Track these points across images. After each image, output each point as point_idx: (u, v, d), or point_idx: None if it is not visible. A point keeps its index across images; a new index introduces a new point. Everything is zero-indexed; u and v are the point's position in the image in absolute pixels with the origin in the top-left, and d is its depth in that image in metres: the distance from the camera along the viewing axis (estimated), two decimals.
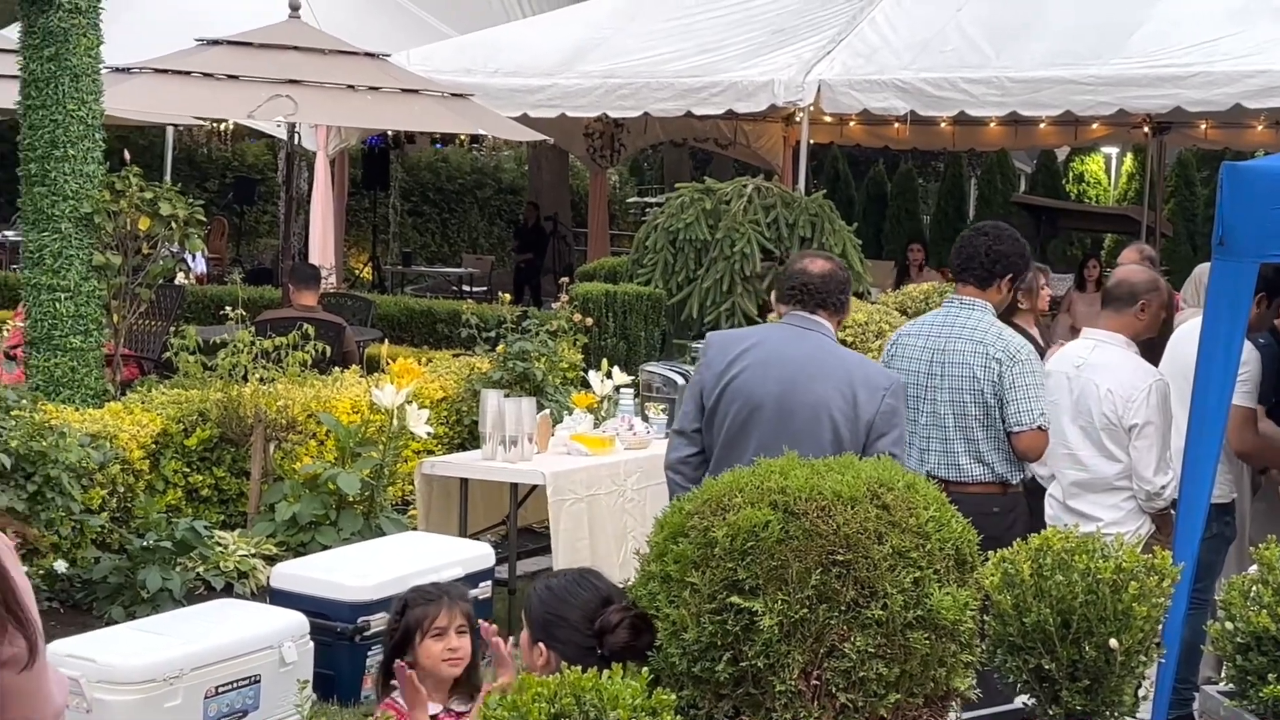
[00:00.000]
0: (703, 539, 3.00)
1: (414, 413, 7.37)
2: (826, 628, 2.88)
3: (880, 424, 4.71)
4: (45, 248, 8.15)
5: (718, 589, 2.93)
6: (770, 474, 3.07)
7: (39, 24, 8.11)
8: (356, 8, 15.95)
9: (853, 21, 12.71)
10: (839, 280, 4.93)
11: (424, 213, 25.05)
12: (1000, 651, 3.23)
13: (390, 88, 10.94)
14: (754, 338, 5.04)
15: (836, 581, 2.89)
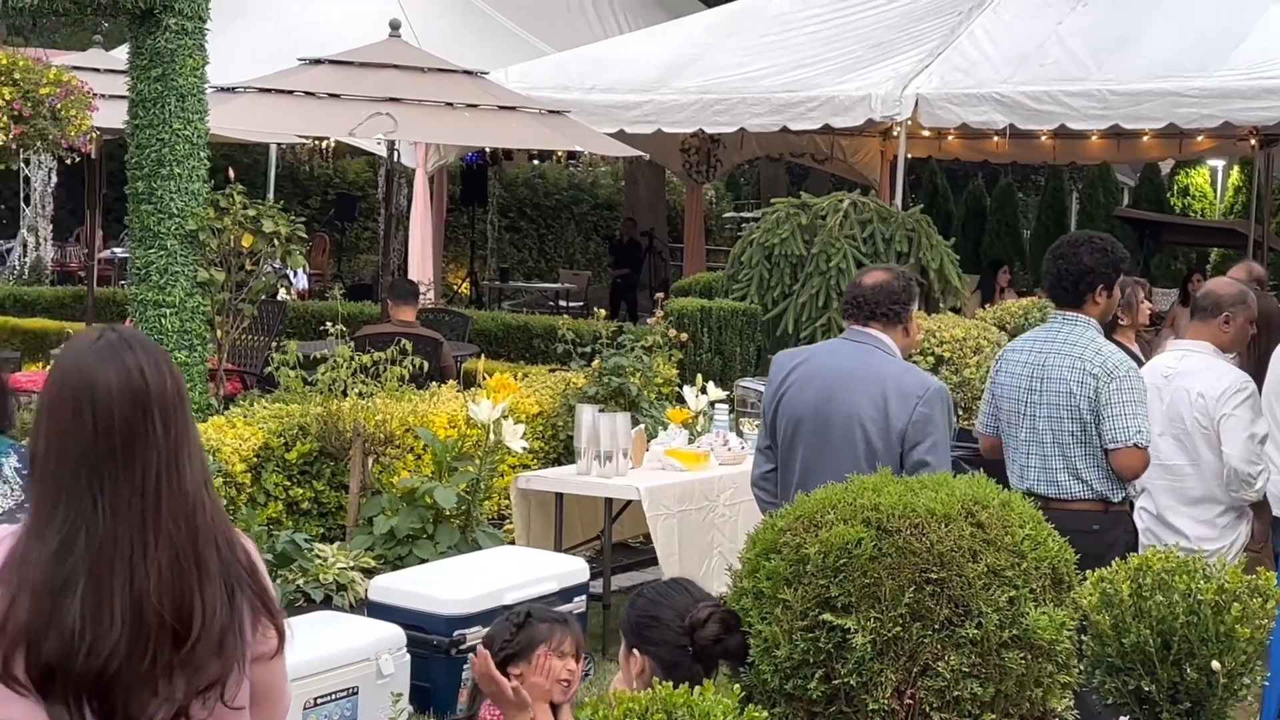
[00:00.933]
0: (795, 556, 3.00)
1: (510, 428, 7.40)
2: (920, 646, 2.86)
3: (913, 433, 4.70)
4: (152, 264, 8.31)
5: (810, 606, 2.93)
6: (863, 491, 3.06)
7: (147, 45, 8.28)
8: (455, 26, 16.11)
9: (951, 35, 12.63)
10: (892, 291, 4.91)
11: (521, 228, 25.22)
12: (1099, 672, 3.19)
13: (488, 105, 11.03)
14: (807, 354, 5.14)
15: (930, 600, 2.87)
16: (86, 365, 2.48)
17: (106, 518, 2.41)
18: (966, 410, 8.20)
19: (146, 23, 8.25)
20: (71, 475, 2.43)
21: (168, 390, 2.48)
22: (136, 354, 2.49)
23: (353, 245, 23.08)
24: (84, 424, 2.43)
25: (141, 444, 2.43)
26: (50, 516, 2.43)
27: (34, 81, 8.42)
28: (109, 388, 2.44)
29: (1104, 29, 12.11)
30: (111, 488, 2.42)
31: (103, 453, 2.43)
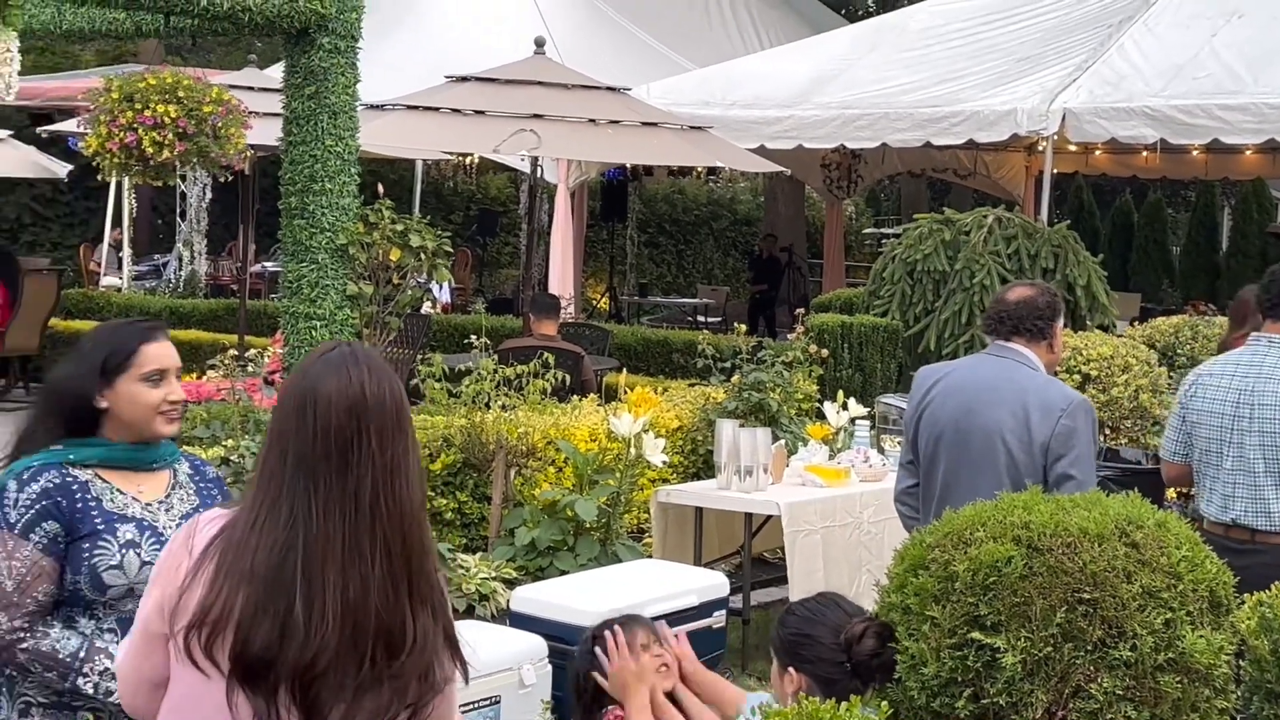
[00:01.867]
0: (943, 573, 2.97)
1: (650, 441, 7.42)
2: (1072, 667, 2.81)
3: (1056, 446, 4.62)
4: (303, 278, 8.49)
5: (958, 624, 2.89)
6: (1013, 508, 3.02)
7: (301, 63, 8.47)
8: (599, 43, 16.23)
9: (1100, 48, 12.42)
10: (1036, 306, 4.84)
11: (660, 244, 25.31)
12: (1256, 699, 3.12)
13: (631, 121, 11.08)
14: (948, 369, 5.09)
15: (1082, 620, 2.82)
16: (314, 373, 2.57)
17: (319, 520, 2.50)
18: (1114, 429, 8.06)
19: (301, 42, 8.44)
20: (292, 475, 2.52)
21: (386, 408, 2.55)
22: (361, 369, 2.57)
23: (494, 260, 23.34)
24: (305, 427, 2.53)
25: (355, 455, 2.51)
26: (272, 511, 2.52)
27: (197, 100, 8.68)
28: (329, 396, 2.53)
29: (1260, 41, 11.82)
30: (325, 492, 2.50)
31: (319, 456, 2.51)
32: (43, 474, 3.26)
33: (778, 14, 20.04)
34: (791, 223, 21.40)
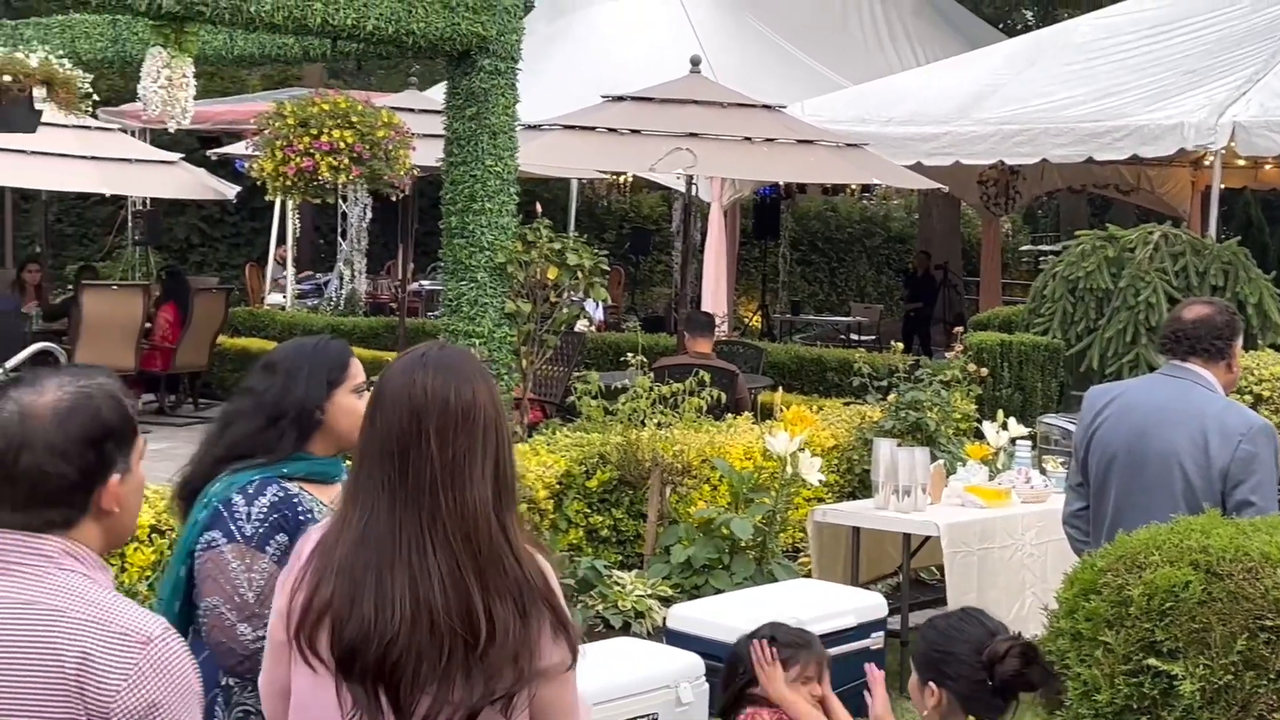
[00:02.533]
0: (1117, 597, 2.92)
1: (806, 460, 7.39)
2: (1254, 696, 2.74)
3: (1236, 471, 4.47)
4: (463, 296, 8.62)
5: (1133, 650, 2.84)
6: (1190, 532, 2.96)
7: (462, 85, 8.62)
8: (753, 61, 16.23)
9: (1271, 61, 12.09)
10: (1214, 325, 4.70)
11: (812, 261, 25.21)
12: None
13: (786, 139, 11.05)
14: (1120, 389, 4.97)
15: (1265, 648, 2.75)
16: (386, 375, 2.66)
17: (385, 515, 2.57)
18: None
19: (463, 64, 8.59)
20: (367, 473, 2.61)
21: (450, 409, 2.58)
22: (429, 371, 2.62)
23: (646, 278, 23.46)
24: (373, 428, 2.61)
25: (415, 455, 2.57)
26: (353, 506, 2.62)
27: (370, 125, 8.86)
28: (392, 397, 2.60)
29: None
30: (390, 490, 2.58)
31: (385, 455, 2.59)
32: (267, 488, 3.34)
33: (934, 30, 19.85)
34: (946, 240, 21.15)
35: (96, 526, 2.45)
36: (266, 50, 9.55)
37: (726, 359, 10.68)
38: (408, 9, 8.22)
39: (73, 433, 2.39)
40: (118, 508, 2.45)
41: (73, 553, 2.41)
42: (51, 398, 2.41)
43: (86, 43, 10.12)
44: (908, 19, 19.71)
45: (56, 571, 2.39)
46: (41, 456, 2.37)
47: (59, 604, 2.36)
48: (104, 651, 2.32)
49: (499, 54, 8.62)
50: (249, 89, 22.57)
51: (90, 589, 2.39)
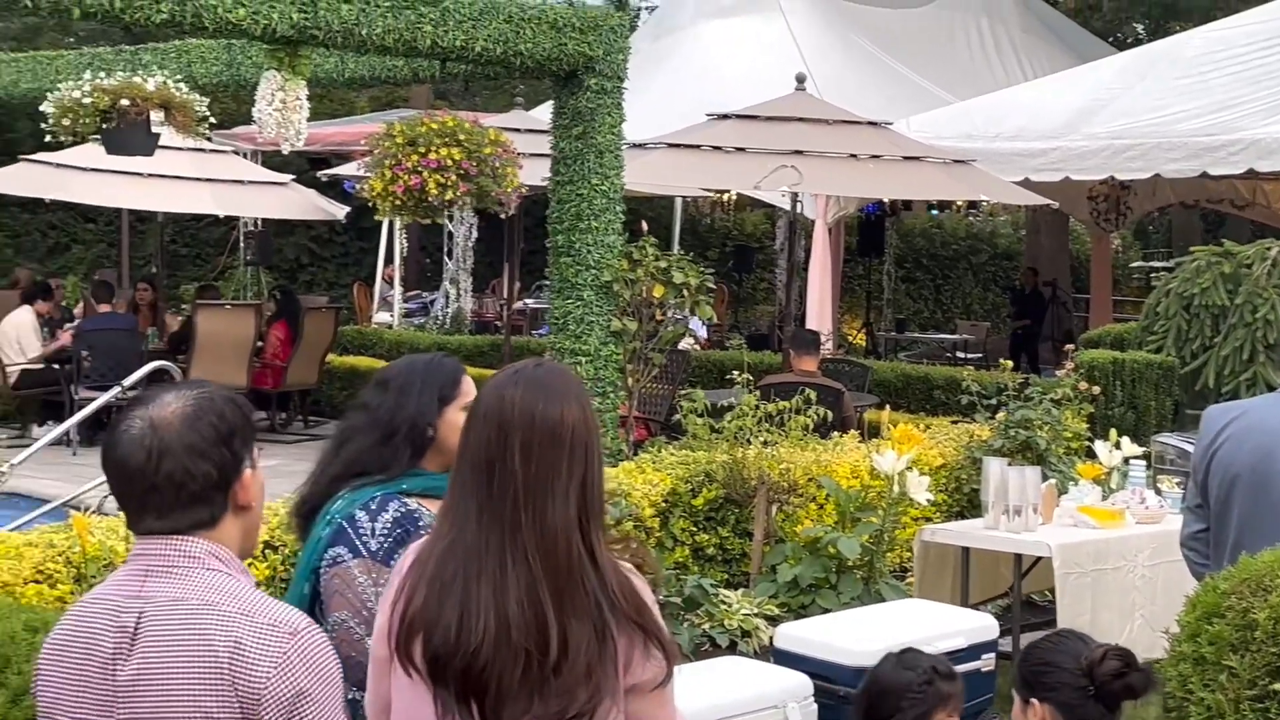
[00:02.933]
0: (1241, 621, 2.86)
1: (914, 479, 7.33)
2: None
3: None
4: (569, 313, 8.67)
5: (1259, 675, 2.78)
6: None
7: (569, 104, 8.68)
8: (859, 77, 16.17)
9: None
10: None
11: (917, 279, 25.03)
12: None
13: (892, 155, 10.99)
14: (1242, 408, 4.82)
15: None
16: (484, 389, 2.71)
17: (472, 529, 2.60)
18: None
19: (569, 84, 8.66)
20: (459, 486, 2.64)
21: (536, 426, 2.59)
22: (520, 388, 2.64)
23: (749, 296, 23.43)
24: (465, 442, 2.65)
25: (500, 469, 2.59)
26: (445, 519, 2.67)
27: (477, 143, 8.96)
28: (485, 412, 2.64)
29: None
30: (478, 504, 2.62)
31: (474, 469, 2.62)
32: (389, 504, 3.37)
33: (1042, 44, 19.65)
34: (1055, 256, 20.89)
35: (236, 524, 2.60)
36: (376, 72, 9.70)
37: (832, 377, 10.63)
38: (515, 30, 8.30)
39: (205, 432, 2.54)
40: (254, 502, 2.61)
41: (216, 554, 2.56)
42: (176, 406, 2.56)
43: (202, 67, 10.34)
44: (1015, 34, 19.52)
45: (204, 571, 2.54)
46: (182, 459, 2.52)
47: (210, 598, 2.50)
48: (255, 641, 2.45)
49: (605, 73, 8.68)
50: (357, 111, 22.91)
51: (235, 586, 2.54)
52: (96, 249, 21.56)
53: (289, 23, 7.42)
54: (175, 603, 2.50)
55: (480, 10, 8.20)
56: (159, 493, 2.53)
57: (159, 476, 2.52)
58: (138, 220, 18.69)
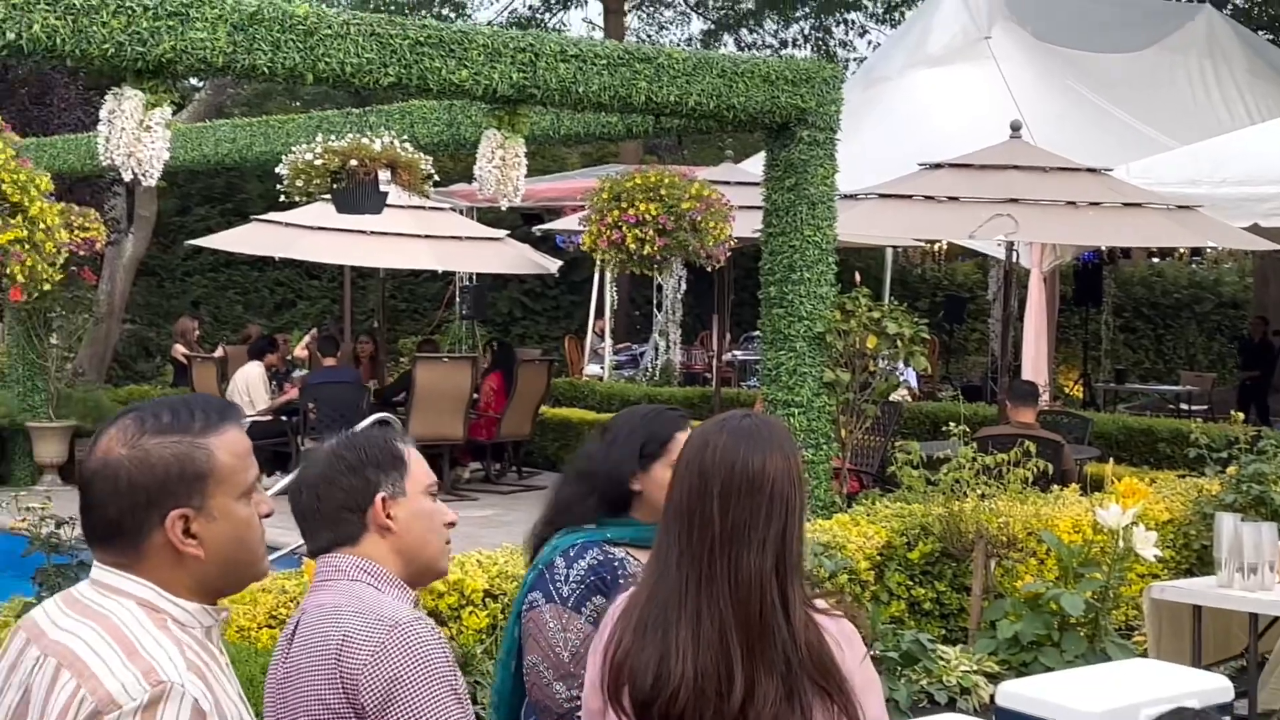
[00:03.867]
0: None
1: (1141, 534, 7.12)
2: None
3: None
4: (781, 365, 8.69)
5: None
6: None
7: (781, 156, 8.73)
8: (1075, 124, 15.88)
9: None
10: None
11: (1136, 328, 24.41)
12: None
13: (1111, 202, 10.78)
14: None
15: None
16: (691, 437, 2.75)
17: (673, 574, 2.62)
18: None
19: (781, 136, 8.71)
20: (664, 532, 2.69)
21: (735, 475, 2.61)
22: (724, 436, 2.67)
23: (960, 346, 23.13)
24: (672, 489, 2.69)
25: (698, 518, 2.62)
26: (651, 564, 2.73)
27: (677, 197, 9.07)
28: (689, 459, 2.67)
29: None
30: (679, 550, 2.64)
31: (677, 515, 2.66)
32: (587, 551, 3.42)
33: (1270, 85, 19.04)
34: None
35: (383, 544, 2.83)
36: (590, 129, 9.88)
37: (1050, 429, 10.43)
38: (729, 84, 8.39)
39: (336, 465, 2.85)
40: (394, 525, 2.82)
41: (363, 567, 2.80)
42: (327, 447, 2.91)
43: (424, 127, 10.67)
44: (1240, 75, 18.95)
45: (347, 582, 2.77)
46: (316, 488, 2.85)
47: (340, 602, 2.72)
48: (360, 632, 2.62)
49: (818, 125, 8.71)
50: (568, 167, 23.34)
51: (372, 594, 2.73)
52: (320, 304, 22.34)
53: (509, 83, 7.63)
54: (319, 608, 2.72)
55: (694, 65, 8.31)
56: (305, 519, 2.87)
57: (303, 505, 2.87)
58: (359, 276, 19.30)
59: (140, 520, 2.20)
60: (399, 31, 7.30)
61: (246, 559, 2.28)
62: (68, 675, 2.13)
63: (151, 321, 21.19)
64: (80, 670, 2.13)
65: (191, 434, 2.23)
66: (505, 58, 7.59)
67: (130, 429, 2.23)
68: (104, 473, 2.22)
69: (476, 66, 7.50)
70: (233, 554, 2.25)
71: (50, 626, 2.24)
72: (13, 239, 6.15)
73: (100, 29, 6.42)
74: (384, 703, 2.55)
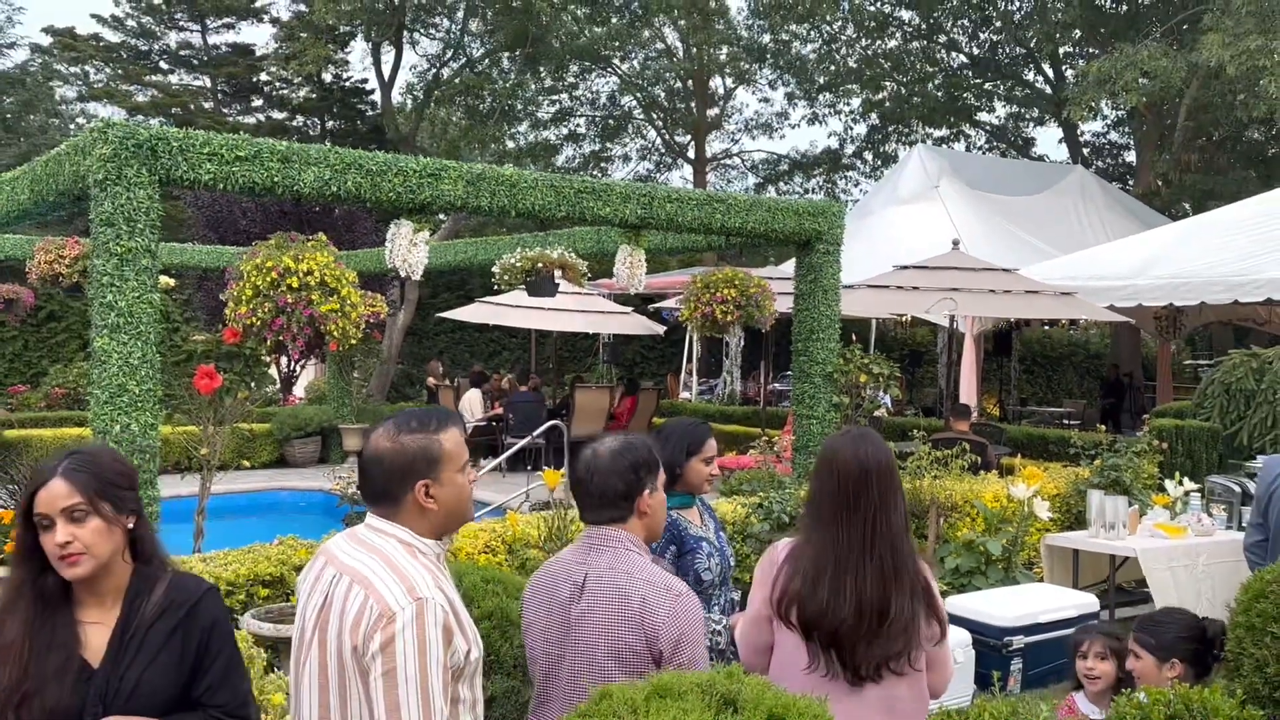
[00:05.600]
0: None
1: (1038, 503, 6.99)
2: None
3: None
4: (805, 393, 8.61)
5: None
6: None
7: (805, 261, 8.68)
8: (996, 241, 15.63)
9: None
10: None
11: (1035, 371, 23.80)
12: None
13: (1019, 290, 10.60)
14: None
15: None
16: (839, 447, 2.68)
17: (843, 538, 2.57)
18: None
19: (805, 249, 8.66)
20: (828, 510, 2.61)
21: (885, 466, 2.62)
22: (867, 442, 2.65)
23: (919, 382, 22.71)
24: (833, 481, 2.62)
25: (863, 497, 2.57)
26: (815, 533, 2.63)
27: (744, 286, 9.05)
28: (847, 461, 2.61)
29: None
30: (845, 519, 2.58)
31: (841, 495, 2.60)
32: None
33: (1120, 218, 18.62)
34: (1130, 357, 19.61)
35: (640, 524, 2.59)
36: (685, 243, 9.91)
37: (979, 434, 10.23)
38: (772, 216, 8.38)
39: (620, 463, 2.57)
40: (649, 511, 2.58)
41: (630, 539, 2.58)
42: (611, 444, 2.61)
43: (581, 243, 10.76)
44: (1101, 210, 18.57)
45: (621, 551, 2.55)
46: (606, 476, 2.56)
47: (626, 568, 2.52)
48: (656, 598, 2.45)
49: (829, 241, 8.66)
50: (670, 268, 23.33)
51: (641, 561, 2.56)
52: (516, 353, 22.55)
53: (635, 216, 7.69)
54: (608, 569, 2.51)
55: (750, 205, 8.32)
56: (591, 497, 2.58)
57: (591, 486, 2.58)
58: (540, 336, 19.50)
59: (398, 488, 2.16)
60: (567, 184, 7.38)
61: (462, 510, 2.22)
62: (359, 589, 2.08)
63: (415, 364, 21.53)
64: (367, 586, 2.07)
65: (429, 431, 2.19)
66: (633, 200, 7.64)
67: (391, 429, 2.20)
68: (374, 457, 2.18)
69: (615, 205, 7.57)
70: (455, 508, 2.20)
71: (341, 554, 2.18)
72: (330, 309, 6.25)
73: (387, 184, 6.57)
74: (674, 649, 2.40)
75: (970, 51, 26.56)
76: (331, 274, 6.28)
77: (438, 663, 2.00)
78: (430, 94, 24.34)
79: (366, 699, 2.01)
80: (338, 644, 2.08)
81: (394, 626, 2.00)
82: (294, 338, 6.06)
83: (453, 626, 2.06)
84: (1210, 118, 22.33)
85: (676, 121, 29.99)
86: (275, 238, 6.36)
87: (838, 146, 30.38)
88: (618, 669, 2.39)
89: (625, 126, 30.38)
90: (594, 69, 28.71)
